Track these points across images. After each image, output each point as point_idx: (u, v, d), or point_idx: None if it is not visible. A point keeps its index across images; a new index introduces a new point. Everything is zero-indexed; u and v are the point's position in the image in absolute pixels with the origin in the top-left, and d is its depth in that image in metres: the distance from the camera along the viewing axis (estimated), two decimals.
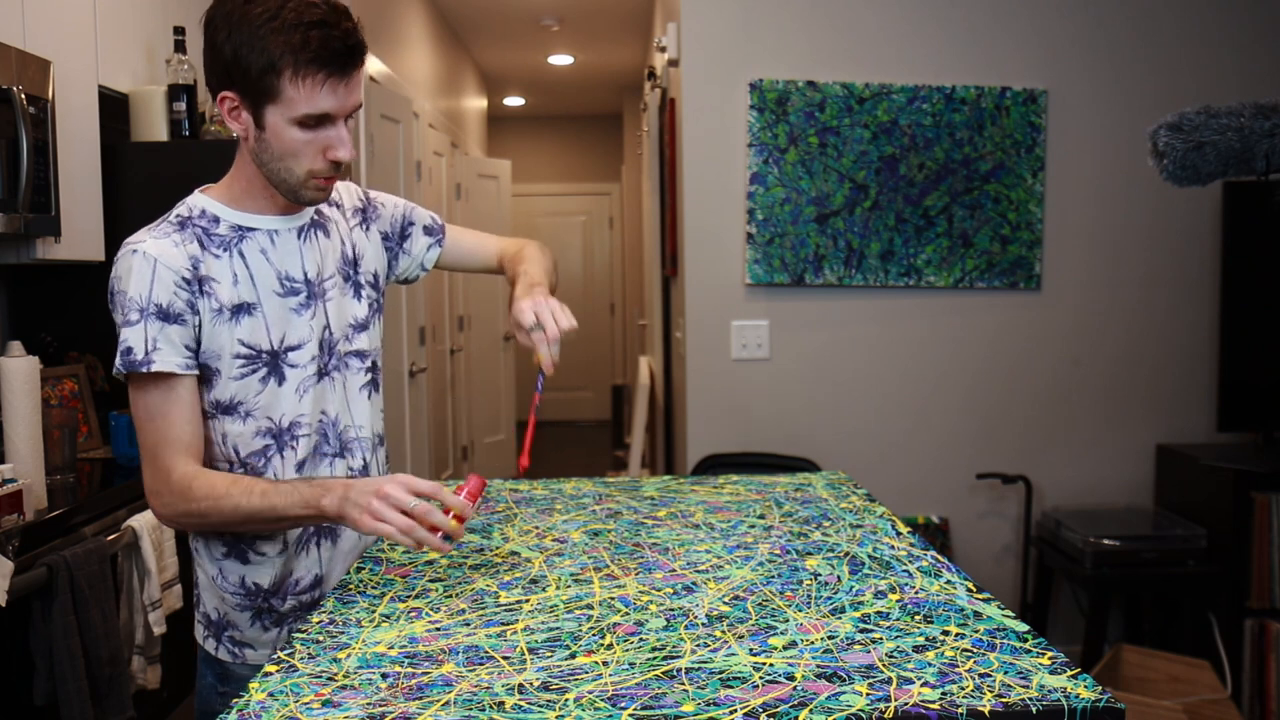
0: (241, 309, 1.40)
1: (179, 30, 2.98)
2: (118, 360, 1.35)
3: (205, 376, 1.41)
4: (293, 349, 1.44)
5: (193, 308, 1.37)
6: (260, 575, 1.47)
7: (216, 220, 1.42)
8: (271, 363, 1.43)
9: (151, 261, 1.35)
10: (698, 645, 1.11)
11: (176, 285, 1.35)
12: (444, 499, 1.29)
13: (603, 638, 1.14)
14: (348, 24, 1.34)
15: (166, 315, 1.35)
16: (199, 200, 1.44)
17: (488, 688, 1.01)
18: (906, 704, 0.94)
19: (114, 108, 2.88)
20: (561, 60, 7.18)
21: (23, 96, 2.24)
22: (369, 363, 1.56)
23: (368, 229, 1.60)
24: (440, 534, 1.28)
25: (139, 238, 1.38)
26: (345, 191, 1.61)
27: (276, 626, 1.49)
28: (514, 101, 8.86)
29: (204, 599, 1.51)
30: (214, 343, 1.39)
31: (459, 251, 1.71)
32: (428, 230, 1.68)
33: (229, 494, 1.34)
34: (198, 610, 1.53)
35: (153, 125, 2.94)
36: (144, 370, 1.34)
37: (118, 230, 2.77)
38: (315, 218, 1.51)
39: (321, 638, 1.17)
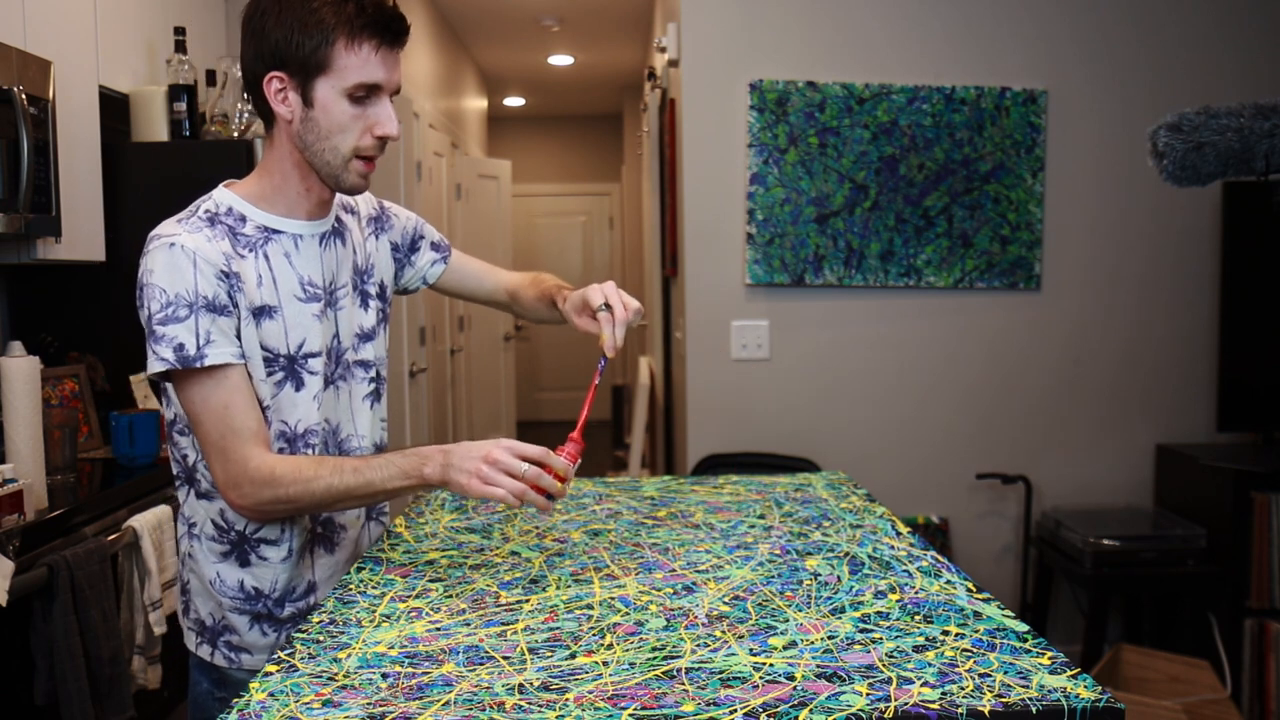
0: (263, 311, 1.39)
1: (179, 30, 2.99)
2: (170, 356, 1.31)
3: None
4: (311, 355, 1.44)
5: (233, 300, 1.36)
6: (261, 580, 1.46)
7: (243, 219, 1.41)
8: (289, 367, 1.42)
9: (191, 255, 1.32)
10: (698, 645, 1.11)
11: (217, 278, 1.34)
12: (551, 462, 1.32)
13: (603, 638, 1.14)
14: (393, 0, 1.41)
15: (214, 307, 1.33)
16: (226, 197, 1.43)
17: (488, 688, 1.01)
18: (906, 704, 0.94)
19: (114, 108, 2.89)
20: (561, 60, 7.18)
21: (23, 97, 2.24)
22: (373, 373, 1.56)
23: (379, 238, 1.62)
24: (544, 494, 1.32)
25: (170, 230, 1.35)
26: (362, 199, 1.62)
27: (275, 631, 1.48)
28: (514, 101, 8.86)
29: (196, 604, 1.49)
30: (244, 343, 1.38)
31: (463, 274, 1.75)
32: (435, 246, 1.71)
33: (319, 475, 1.34)
34: (186, 618, 1.51)
35: (153, 125, 2.94)
36: (197, 365, 1.32)
37: (118, 230, 2.77)
38: (335, 225, 1.51)
39: (321, 638, 1.17)
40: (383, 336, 1.59)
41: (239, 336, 1.37)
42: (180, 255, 1.32)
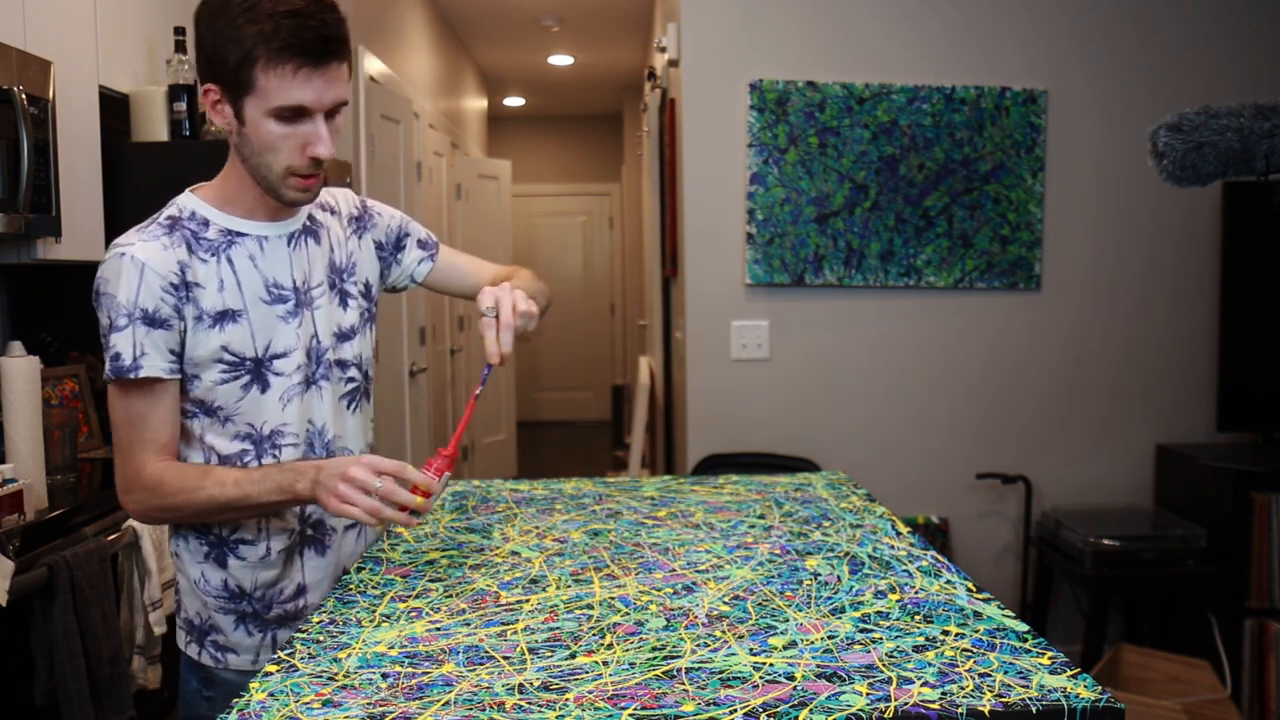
0: (226, 316, 1.38)
1: (179, 30, 2.98)
2: (107, 366, 1.35)
3: (185, 379, 1.40)
4: (278, 357, 1.43)
5: (179, 313, 1.36)
6: (242, 579, 1.46)
7: (206, 223, 1.40)
8: (255, 370, 1.41)
9: (139, 266, 1.33)
10: (698, 645, 1.11)
11: (163, 290, 1.34)
12: (408, 476, 1.31)
13: (603, 638, 1.14)
14: (327, 15, 1.30)
15: (152, 320, 1.34)
16: (189, 201, 1.42)
17: (488, 688, 1.01)
18: (906, 704, 0.95)
19: (114, 108, 2.88)
20: (561, 60, 7.18)
21: (23, 97, 2.24)
22: (353, 372, 1.54)
23: (361, 237, 1.59)
24: (407, 510, 1.31)
25: (127, 239, 1.36)
26: (343, 199, 1.59)
27: (261, 632, 1.48)
28: (514, 101, 8.86)
29: (185, 604, 1.50)
30: (196, 349, 1.37)
31: (451, 272, 1.70)
32: (421, 244, 1.68)
33: (201, 486, 1.35)
34: (179, 616, 1.52)
35: (153, 125, 2.94)
36: (131, 376, 1.34)
37: (118, 230, 2.75)
38: (307, 224, 1.49)
39: (322, 637, 1.17)
40: (367, 336, 1.57)
41: (181, 349, 1.37)
42: (129, 265, 1.34)
